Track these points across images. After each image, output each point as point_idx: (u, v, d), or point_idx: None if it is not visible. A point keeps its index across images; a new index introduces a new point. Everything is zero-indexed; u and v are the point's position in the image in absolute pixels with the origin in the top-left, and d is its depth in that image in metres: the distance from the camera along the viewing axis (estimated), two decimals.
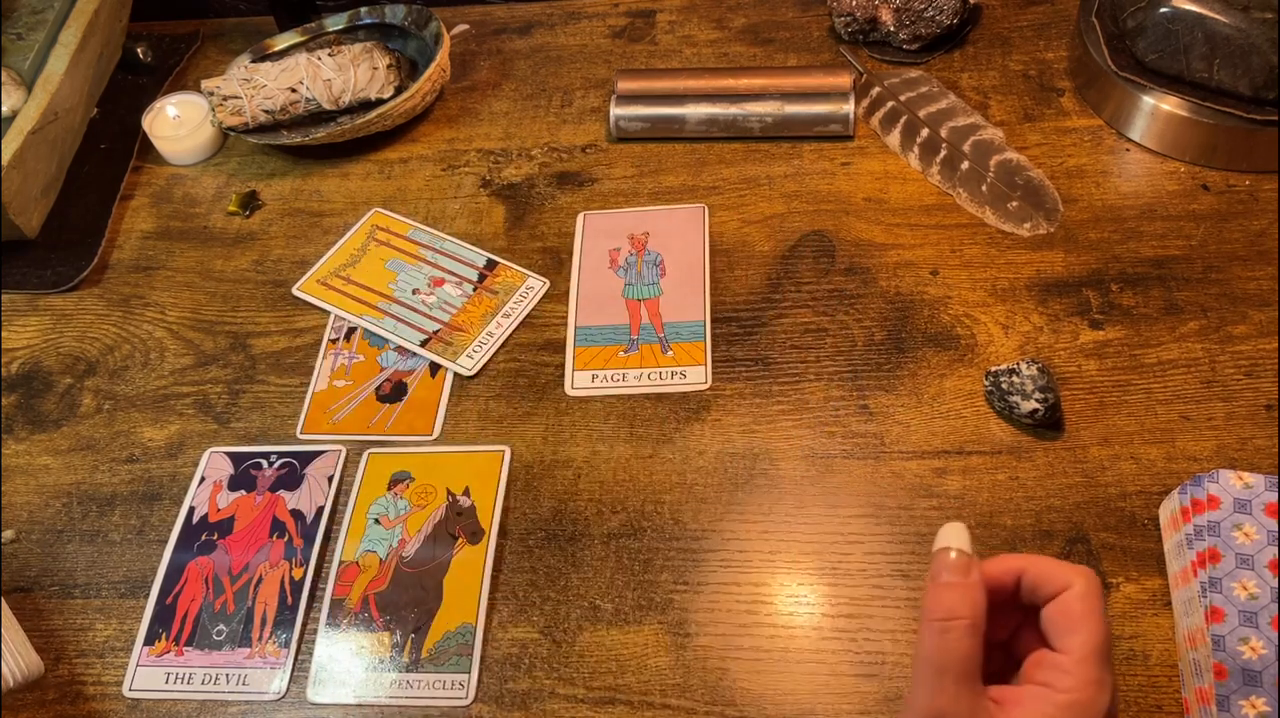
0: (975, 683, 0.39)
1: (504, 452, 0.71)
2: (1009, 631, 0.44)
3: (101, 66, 0.99)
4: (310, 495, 0.71)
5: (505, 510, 0.69)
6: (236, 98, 0.91)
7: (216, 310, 0.83)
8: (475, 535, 0.68)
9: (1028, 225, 0.78)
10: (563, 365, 0.76)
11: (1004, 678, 0.42)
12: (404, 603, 0.65)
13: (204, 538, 0.70)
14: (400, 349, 0.79)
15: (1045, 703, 0.39)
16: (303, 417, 0.76)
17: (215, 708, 0.64)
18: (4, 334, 0.84)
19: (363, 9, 0.98)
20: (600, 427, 0.72)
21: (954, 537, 0.42)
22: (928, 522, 0.65)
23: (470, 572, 0.66)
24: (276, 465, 0.73)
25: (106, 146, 0.96)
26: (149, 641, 0.66)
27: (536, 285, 0.81)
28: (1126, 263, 0.76)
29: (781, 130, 0.87)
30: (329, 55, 0.92)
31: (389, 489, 0.71)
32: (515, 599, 0.66)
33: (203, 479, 0.73)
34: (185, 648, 0.66)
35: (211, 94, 0.91)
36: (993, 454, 0.68)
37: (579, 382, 0.75)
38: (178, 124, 0.95)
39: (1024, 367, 0.68)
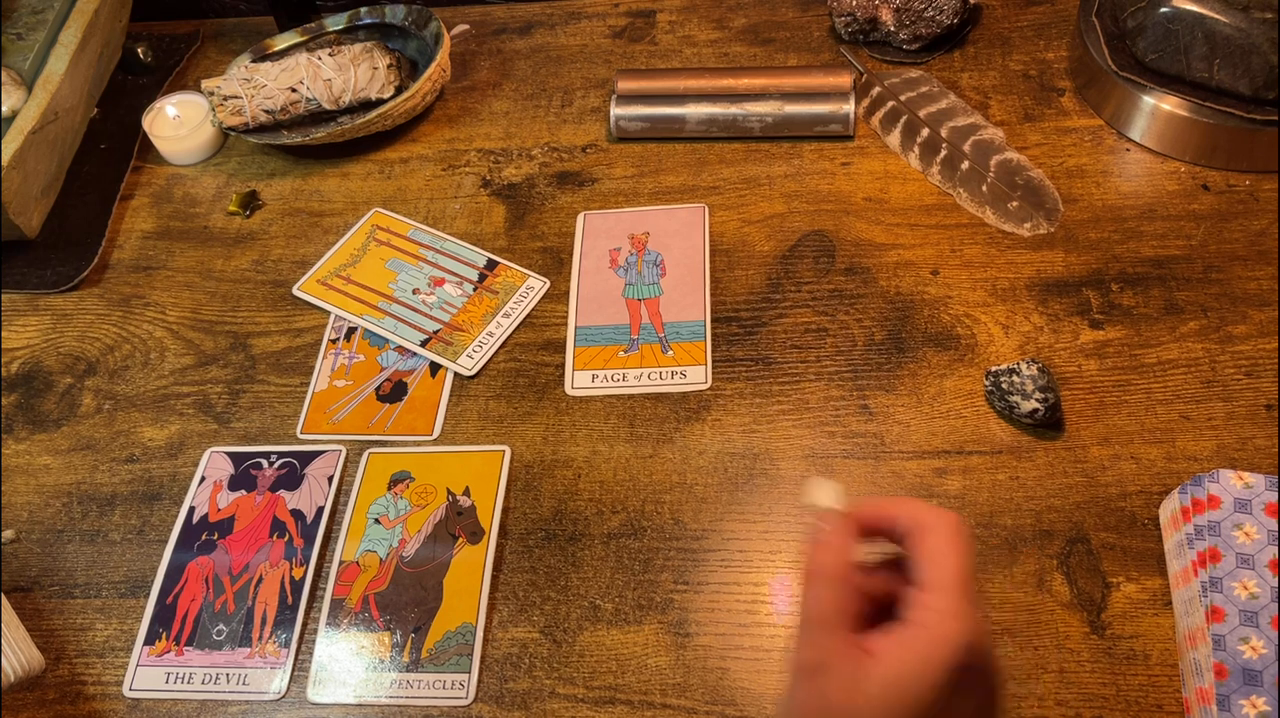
0: (842, 632, 0.40)
1: (504, 452, 0.71)
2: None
3: (101, 66, 0.99)
4: (310, 495, 0.71)
5: (505, 510, 0.69)
6: (237, 98, 0.91)
7: (216, 310, 0.83)
8: (475, 536, 0.68)
9: (1028, 225, 0.78)
10: (563, 365, 0.76)
11: None
12: (404, 603, 0.65)
13: (204, 538, 0.70)
14: (400, 349, 0.79)
15: (903, 637, 0.39)
16: (303, 417, 0.76)
17: (215, 708, 0.64)
18: (4, 334, 0.84)
19: (363, 9, 0.98)
20: (600, 427, 0.72)
21: (825, 495, 0.43)
22: None
23: (470, 572, 0.66)
24: (276, 465, 0.73)
25: (106, 146, 0.96)
26: (149, 640, 0.66)
27: (536, 285, 0.81)
28: (1126, 263, 0.76)
29: (781, 130, 0.87)
30: (329, 55, 0.92)
31: (389, 489, 0.71)
32: (515, 599, 0.66)
33: (203, 479, 0.73)
34: (185, 648, 0.66)
35: (212, 94, 0.91)
36: (993, 454, 0.68)
37: (579, 381, 0.75)
38: (178, 124, 0.95)
39: (1024, 367, 0.68)
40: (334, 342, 0.80)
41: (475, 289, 0.81)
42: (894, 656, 0.39)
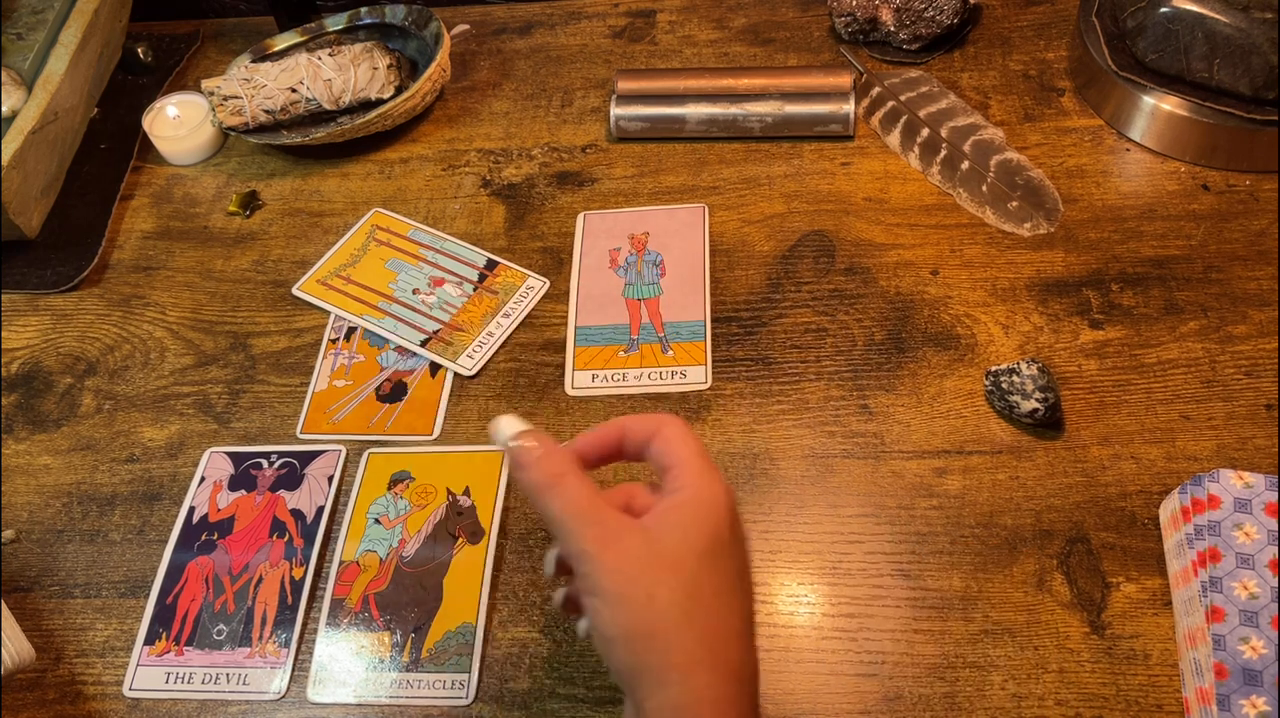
0: (611, 511, 0.41)
1: (504, 452, 0.71)
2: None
3: (101, 66, 0.99)
4: (310, 495, 0.71)
5: (505, 510, 0.69)
6: (236, 98, 0.91)
7: (216, 310, 0.83)
8: (475, 535, 0.68)
9: (1028, 225, 0.78)
10: (563, 365, 0.76)
11: None
12: (404, 603, 0.65)
13: (204, 538, 0.70)
14: (400, 349, 0.79)
15: (673, 503, 0.41)
16: (303, 417, 0.76)
17: (215, 708, 0.64)
18: (4, 334, 0.84)
19: (363, 9, 0.98)
20: None
21: (509, 427, 0.45)
22: (928, 522, 0.65)
23: (470, 572, 0.66)
24: (276, 465, 0.73)
25: (106, 146, 0.96)
26: (149, 640, 0.66)
27: (536, 285, 0.81)
28: (1126, 263, 0.76)
29: (781, 130, 0.87)
30: (329, 55, 0.92)
31: (389, 489, 0.71)
32: (515, 599, 0.66)
33: (203, 479, 0.73)
34: (185, 648, 0.66)
35: (211, 94, 0.91)
36: (993, 454, 0.68)
37: (579, 381, 0.75)
38: (178, 124, 0.95)
39: (1024, 366, 0.68)
40: (334, 342, 0.80)
41: (475, 289, 0.81)
42: (672, 519, 0.41)
